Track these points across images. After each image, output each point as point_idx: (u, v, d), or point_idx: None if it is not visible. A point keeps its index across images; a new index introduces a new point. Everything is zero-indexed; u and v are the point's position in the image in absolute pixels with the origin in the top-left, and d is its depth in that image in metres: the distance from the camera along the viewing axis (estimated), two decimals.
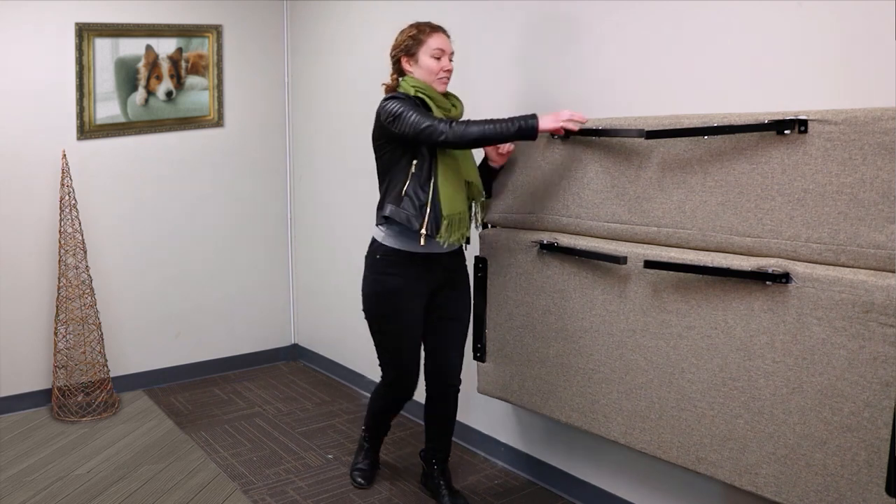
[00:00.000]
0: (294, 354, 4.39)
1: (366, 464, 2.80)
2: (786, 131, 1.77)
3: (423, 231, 2.25)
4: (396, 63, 2.38)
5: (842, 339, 1.68)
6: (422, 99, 2.29)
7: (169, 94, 3.82)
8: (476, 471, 2.90)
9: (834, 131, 1.70)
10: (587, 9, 2.41)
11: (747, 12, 1.98)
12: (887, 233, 1.64)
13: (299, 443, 3.18)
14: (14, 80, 3.40)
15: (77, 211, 3.45)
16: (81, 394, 3.47)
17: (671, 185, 2.03)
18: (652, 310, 2.06)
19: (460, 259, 2.50)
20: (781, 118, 1.78)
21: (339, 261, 3.88)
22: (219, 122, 4.00)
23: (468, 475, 2.85)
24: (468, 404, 2.96)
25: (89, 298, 3.48)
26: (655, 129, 2.01)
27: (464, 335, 2.55)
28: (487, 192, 2.52)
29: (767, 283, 1.79)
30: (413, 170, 2.28)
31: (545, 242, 2.34)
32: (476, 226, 2.55)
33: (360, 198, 3.66)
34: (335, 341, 4.03)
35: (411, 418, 3.36)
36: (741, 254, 1.89)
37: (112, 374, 3.62)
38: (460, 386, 2.56)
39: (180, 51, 3.83)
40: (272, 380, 4.04)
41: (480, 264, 2.59)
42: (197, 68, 3.89)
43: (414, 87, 2.30)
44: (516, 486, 2.77)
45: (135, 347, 3.83)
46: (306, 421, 3.43)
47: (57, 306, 3.44)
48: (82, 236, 3.47)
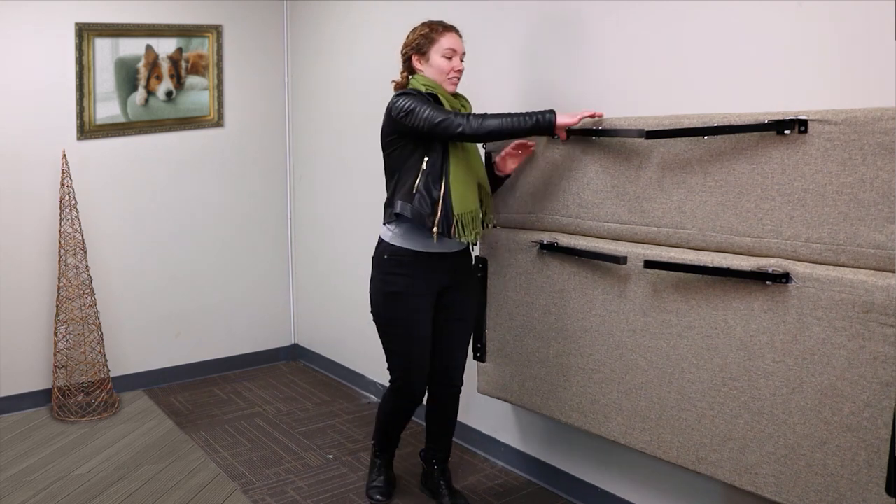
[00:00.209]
0: (294, 354, 4.39)
1: (381, 480, 2.68)
2: (786, 131, 1.77)
3: (436, 229, 2.22)
4: (407, 61, 2.35)
5: (842, 339, 1.68)
6: (433, 94, 2.27)
7: (169, 94, 3.82)
8: (476, 471, 2.90)
9: (834, 131, 1.70)
10: (587, 9, 2.41)
11: (747, 12, 1.98)
12: (887, 233, 1.64)
13: (299, 443, 3.18)
14: (14, 80, 3.40)
15: (77, 211, 3.45)
16: (81, 394, 3.47)
17: (671, 185, 2.03)
18: (652, 310, 2.06)
19: (467, 259, 2.48)
20: (781, 118, 1.78)
21: (339, 261, 3.88)
22: (219, 123, 4.00)
23: (468, 475, 2.85)
24: (468, 404, 2.96)
25: (89, 298, 3.48)
26: (655, 129, 2.00)
27: (469, 335, 2.55)
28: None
29: (767, 283, 1.79)
30: (424, 166, 2.24)
31: (545, 242, 2.34)
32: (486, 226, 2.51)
33: (360, 198, 3.66)
34: (335, 341, 4.03)
35: (412, 418, 3.35)
36: (741, 254, 1.89)
37: (112, 374, 3.62)
38: (461, 386, 2.57)
39: (180, 51, 3.83)
40: (272, 380, 4.04)
41: (480, 264, 2.58)
42: (197, 68, 3.89)
43: (424, 85, 2.28)
44: (516, 486, 2.77)
45: (135, 347, 3.83)
46: (306, 421, 3.43)
47: (57, 306, 3.44)
48: (82, 236, 3.47)
